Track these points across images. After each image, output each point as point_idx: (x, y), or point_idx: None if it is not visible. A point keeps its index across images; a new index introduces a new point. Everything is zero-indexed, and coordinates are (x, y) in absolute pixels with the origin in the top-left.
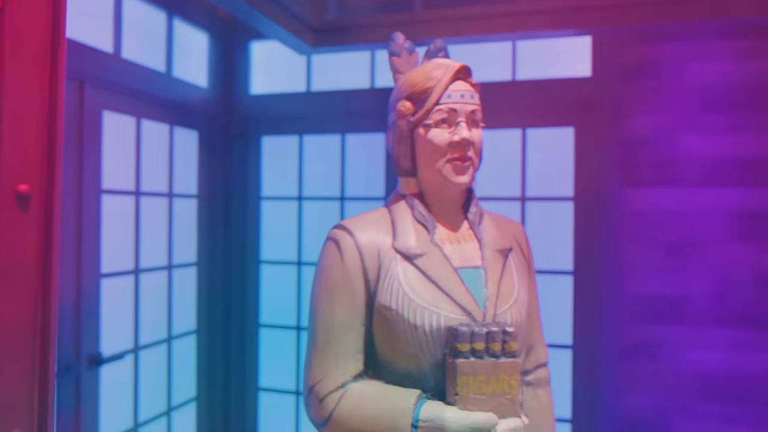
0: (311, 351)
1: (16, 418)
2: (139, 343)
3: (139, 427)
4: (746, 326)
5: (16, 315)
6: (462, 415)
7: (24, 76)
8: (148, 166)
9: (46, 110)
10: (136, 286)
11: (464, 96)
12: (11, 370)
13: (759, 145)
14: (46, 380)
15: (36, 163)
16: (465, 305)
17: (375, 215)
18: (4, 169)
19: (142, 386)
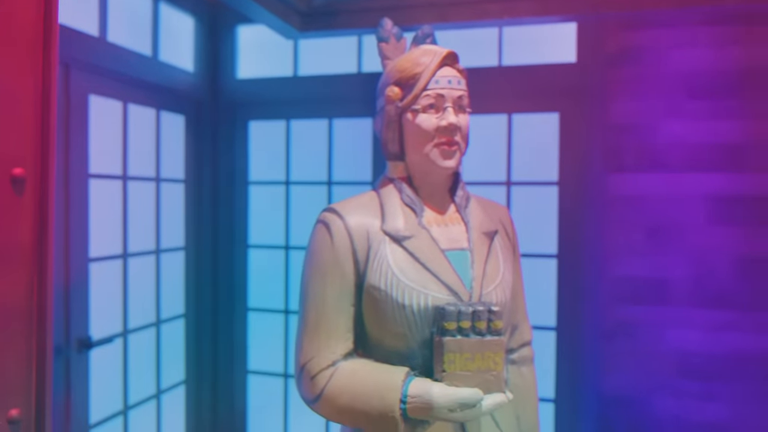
0: (302, 330)
1: (15, 398)
2: (128, 327)
3: (128, 409)
4: (724, 307)
5: (12, 297)
6: (449, 390)
7: (17, 61)
8: (135, 150)
9: (39, 95)
10: (124, 270)
11: (451, 82)
12: (9, 351)
13: (739, 131)
14: (43, 361)
15: (30, 146)
16: (452, 286)
17: (364, 198)
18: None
19: (131, 369)
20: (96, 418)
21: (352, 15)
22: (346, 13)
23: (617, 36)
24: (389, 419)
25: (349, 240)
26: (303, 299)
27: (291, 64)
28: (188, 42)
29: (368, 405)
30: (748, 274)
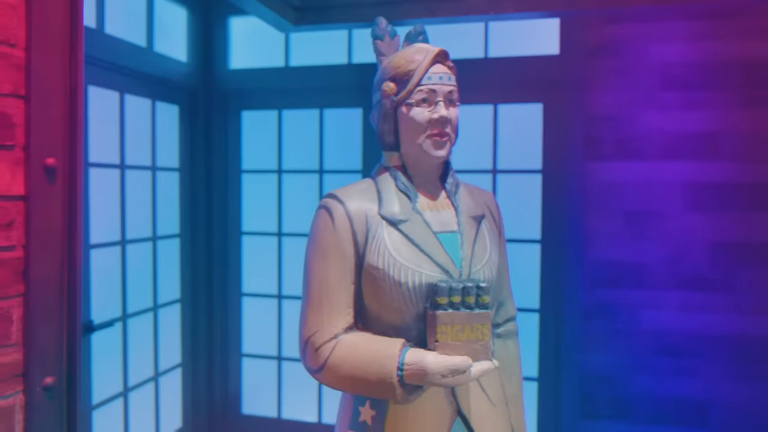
0: (306, 307)
1: (50, 367)
2: (127, 311)
3: (128, 391)
4: (698, 289)
5: (47, 275)
6: (441, 358)
7: (48, 61)
8: (131, 140)
9: (68, 91)
10: (123, 256)
11: (442, 78)
12: (45, 325)
13: (713, 121)
14: (73, 334)
15: (60, 138)
16: (443, 265)
17: (362, 186)
18: (34, 144)
19: (131, 352)
20: (98, 399)
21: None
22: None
23: (598, 30)
24: (388, 385)
25: (349, 223)
26: (306, 278)
27: (283, 55)
28: (182, 33)
29: (368, 373)
30: (721, 258)
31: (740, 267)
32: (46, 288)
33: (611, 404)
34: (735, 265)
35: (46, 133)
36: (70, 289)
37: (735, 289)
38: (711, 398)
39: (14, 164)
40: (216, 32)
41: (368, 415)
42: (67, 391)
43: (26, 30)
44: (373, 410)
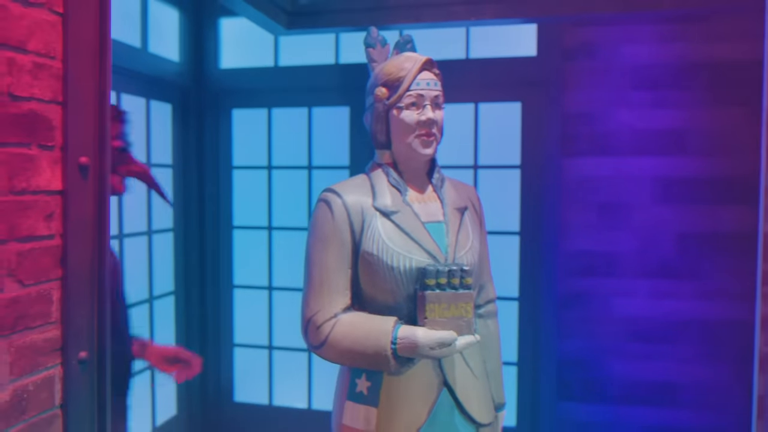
0: (308, 289)
1: (83, 342)
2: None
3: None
4: (666, 277)
5: (82, 261)
6: (430, 333)
7: (81, 70)
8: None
9: (97, 97)
10: (120, 249)
11: (429, 84)
12: (80, 305)
13: (680, 119)
14: (103, 313)
15: (91, 139)
16: (431, 251)
17: (357, 181)
18: (70, 145)
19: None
20: None
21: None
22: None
23: (573, 33)
24: (382, 357)
25: (346, 215)
26: (308, 264)
27: (272, 55)
28: (174, 34)
29: (365, 347)
30: (687, 248)
31: (705, 256)
32: (80, 273)
33: (586, 387)
34: (700, 254)
35: (80, 135)
36: (100, 274)
37: (700, 276)
38: (678, 379)
39: (53, 163)
40: (207, 33)
41: (364, 386)
42: (98, 365)
43: (63, 44)
44: (369, 381)
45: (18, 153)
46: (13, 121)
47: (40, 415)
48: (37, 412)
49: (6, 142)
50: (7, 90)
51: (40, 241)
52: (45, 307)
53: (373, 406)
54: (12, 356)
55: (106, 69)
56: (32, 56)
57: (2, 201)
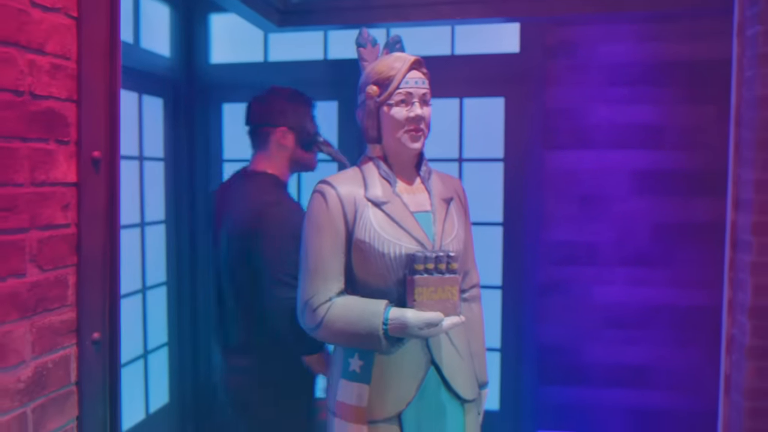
0: (305, 275)
1: (97, 325)
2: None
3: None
4: (643, 266)
5: (95, 249)
6: (419, 314)
7: (94, 71)
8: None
9: (108, 95)
10: None
11: (418, 82)
12: (94, 291)
13: (656, 115)
14: (115, 297)
15: (103, 135)
16: (419, 238)
17: (350, 173)
18: (84, 140)
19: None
20: None
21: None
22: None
23: (554, 31)
24: (374, 338)
25: (340, 205)
26: (304, 251)
27: (261, 50)
28: (164, 30)
29: (358, 328)
30: (663, 238)
31: (679, 246)
32: (94, 259)
33: (566, 371)
34: (674, 244)
35: (92, 131)
36: (111, 261)
37: (674, 265)
38: (652, 363)
39: (69, 157)
40: (197, 29)
41: (357, 365)
42: (110, 345)
43: (77, 45)
44: (361, 361)
45: (38, 148)
46: (34, 118)
47: (58, 390)
48: (55, 387)
49: (28, 138)
50: (29, 89)
51: (57, 229)
52: (62, 291)
53: (366, 383)
54: (33, 336)
55: (116, 69)
56: (50, 57)
57: (25, 192)
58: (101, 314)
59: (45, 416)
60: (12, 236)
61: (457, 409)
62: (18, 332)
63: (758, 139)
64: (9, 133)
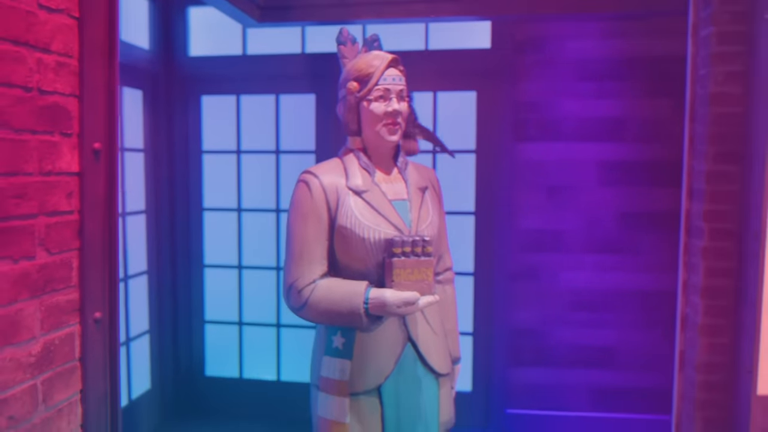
0: (290, 258)
1: (98, 304)
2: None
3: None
4: (609, 252)
5: (96, 234)
6: (397, 293)
7: (94, 68)
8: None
9: (107, 91)
10: None
11: (395, 79)
12: (95, 271)
13: (621, 108)
14: (114, 279)
15: (102, 127)
16: (397, 225)
17: (332, 164)
18: (86, 132)
19: None
20: None
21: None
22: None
23: (524, 28)
24: (356, 316)
25: (323, 193)
26: (289, 237)
27: (240, 44)
28: (144, 22)
29: (341, 307)
30: (628, 225)
31: (643, 233)
32: (95, 244)
33: (536, 353)
34: (638, 231)
35: (93, 124)
36: (111, 245)
37: (638, 251)
38: (619, 344)
39: (72, 148)
40: (176, 21)
41: (339, 342)
42: (109, 323)
43: (79, 44)
44: (344, 338)
45: (45, 140)
46: (41, 113)
47: (64, 365)
48: (62, 362)
49: (37, 130)
50: (37, 86)
51: (62, 215)
52: (67, 273)
53: (348, 359)
54: (42, 314)
55: (114, 66)
56: (55, 56)
57: (34, 181)
58: (102, 295)
59: (53, 389)
60: (23, 221)
61: (432, 383)
62: (29, 310)
63: (710, 133)
64: (20, 126)
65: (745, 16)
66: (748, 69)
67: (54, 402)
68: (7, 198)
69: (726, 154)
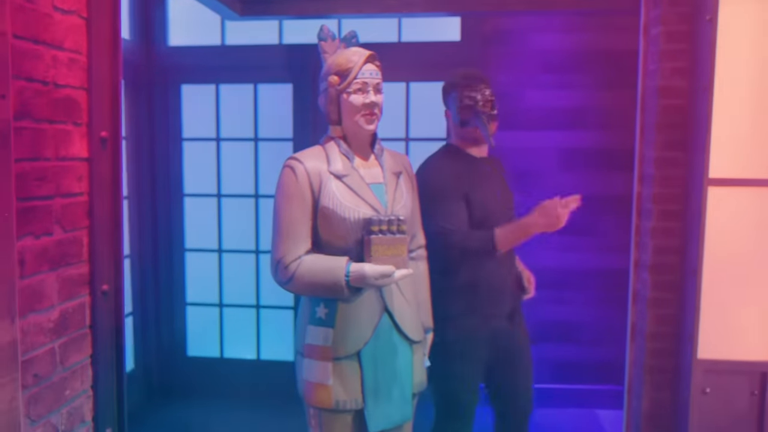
0: (277, 237)
1: (106, 278)
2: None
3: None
4: (570, 234)
5: (104, 214)
6: (375, 267)
7: (100, 63)
8: None
9: (112, 84)
10: None
11: (372, 73)
12: (102, 247)
13: (581, 98)
14: (120, 254)
15: (108, 118)
16: (374, 205)
17: (315, 151)
18: (95, 122)
19: None
20: None
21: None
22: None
23: (491, 22)
24: (338, 287)
25: (307, 177)
26: (276, 217)
27: (219, 34)
28: (124, 12)
29: (324, 280)
30: (587, 209)
31: (602, 215)
32: (102, 223)
33: None
34: (598, 214)
35: (100, 114)
36: (116, 224)
37: (598, 233)
38: (583, 321)
39: (82, 136)
40: (155, 11)
41: (323, 313)
42: (115, 295)
43: (87, 42)
44: (326, 309)
45: (60, 129)
46: (57, 104)
47: (77, 331)
48: (75, 329)
49: (54, 120)
50: (53, 80)
51: (74, 197)
52: (78, 249)
53: (330, 327)
54: (59, 285)
55: (118, 62)
56: (68, 53)
57: (52, 166)
58: (108, 269)
59: (67, 352)
60: (43, 202)
61: (406, 349)
62: (49, 281)
63: (658, 123)
64: (40, 117)
65: (689, 17)
66: (691, 65)
67: (69, 364)
68: (30, 180)
69: (672, 142)
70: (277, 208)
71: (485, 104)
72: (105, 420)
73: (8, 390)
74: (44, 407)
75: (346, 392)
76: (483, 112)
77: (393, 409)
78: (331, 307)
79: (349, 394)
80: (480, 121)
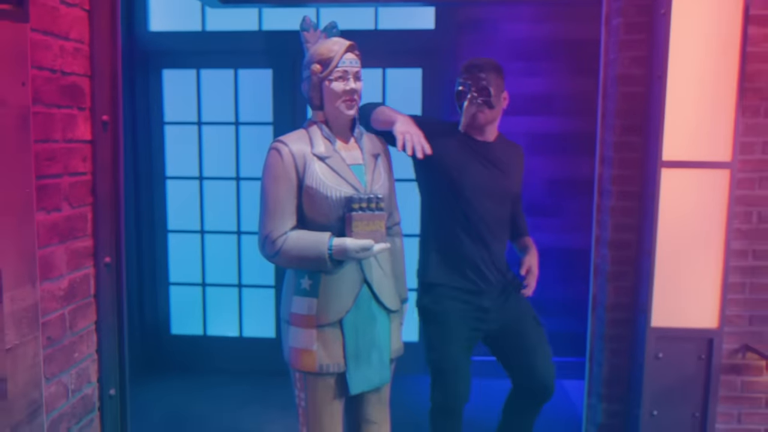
0: (264, 214)
1: (108, 251)
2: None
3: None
4: (537, 215)
5: (105, 191)
6: (356, 241)
7: (101, 52)
8: None
9: (111, 71)
10: None
11: (352, 62)
12: (104, 222)
13: (548, 85)
14: (120, 229)
15: (109, 102)
16: (354, 185)
17: (299, 134)
18: (97, 106)
19: None
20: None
21: None
22: None
23: (464, 11)
24: (321, 260)
25: (292, 159)
26: (263, 196)
27: (199, 20)
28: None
29: (309, 253)
30: (553, 191)
31: (567, 197)
32: (104, 200)
33: None
34: (563, 195)
35: (101, 99)
36: (117, 202)
37: (563, 214)
38: (544, 297)
39: (86, 120)
40: None
41: (307, 284)
42: (116, 267)
43: (89, 32)
44: (310, 280)
45: (67, 113)
46: (64, 90)
47: (83, 300)
48: (81, 297)
49: (61, 105)
50: (60, 68)
51: (80, 176)
52: (83, 224)
53: (314, 297)
54: (68, 257)
55: (117, 50)
56: (73, 43)
57: (60, 147)
58: (110, 243)
59: (75, 318)
60: (53, 180)
61: (384, 317)
62: (58, 253)
63: (618, 109)
64: (50, 102)
65: (647, 9)
66: (648, 54)
67: (77, 329)
68: (42, 160)
69: (630, 127)
70: (264, 187)
71: (475, 91)
72: (109, 381)
73: (32, 347)
74: (57, 367)
75: (329, 357)
76: (466, 97)
77: (372, 372)
78: (314, 279)
79: (332, 359)
80: (460, 105)
